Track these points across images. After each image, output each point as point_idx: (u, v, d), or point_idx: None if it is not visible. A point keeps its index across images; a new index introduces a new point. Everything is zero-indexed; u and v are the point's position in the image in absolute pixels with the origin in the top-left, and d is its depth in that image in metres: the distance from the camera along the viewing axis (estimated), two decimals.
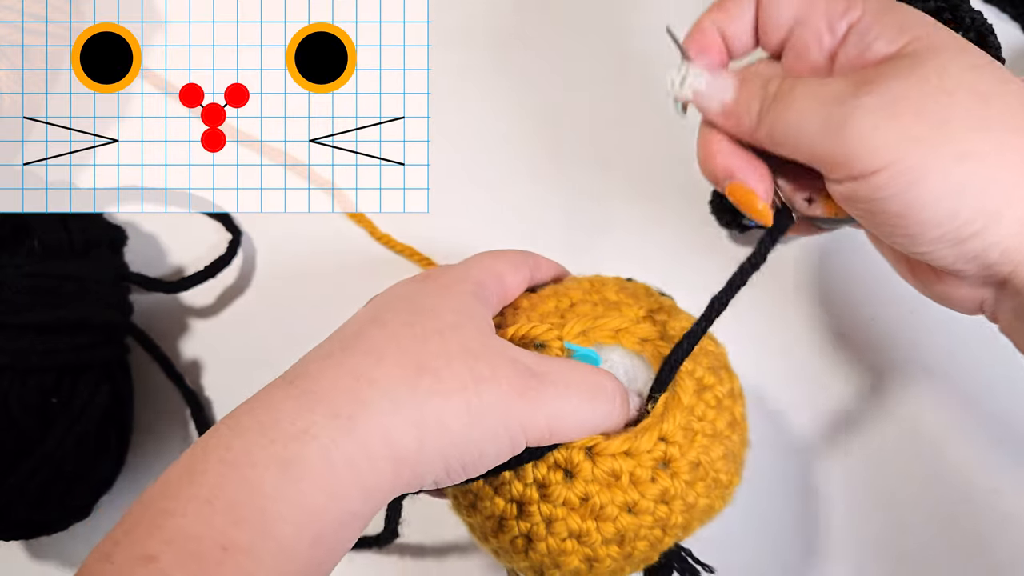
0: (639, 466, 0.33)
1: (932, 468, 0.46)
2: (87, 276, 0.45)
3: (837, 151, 0.29)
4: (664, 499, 0.34)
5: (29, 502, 0.43)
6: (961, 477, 0.46)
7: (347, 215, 0.51)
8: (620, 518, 0.33)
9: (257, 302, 0.51)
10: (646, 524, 0.34)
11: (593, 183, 0.51)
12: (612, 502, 0.33)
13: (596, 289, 0.38)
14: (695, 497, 0.35)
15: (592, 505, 0.33)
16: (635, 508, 0.33)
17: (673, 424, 0.34)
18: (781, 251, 0.49)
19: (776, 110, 0.31)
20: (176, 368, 0.49)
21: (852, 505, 0.46)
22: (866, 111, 0.29)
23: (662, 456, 0.34)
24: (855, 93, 0.29)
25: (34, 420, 0.42)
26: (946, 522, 0.46)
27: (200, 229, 0.51)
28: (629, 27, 0.54)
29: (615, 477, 0.33)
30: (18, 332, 0.43)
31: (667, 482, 0.34)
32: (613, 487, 0.33)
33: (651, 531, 0.34)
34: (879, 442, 0.47)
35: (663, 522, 0.34)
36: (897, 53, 0.30)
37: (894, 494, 0.46)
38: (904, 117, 0.28)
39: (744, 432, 0.38)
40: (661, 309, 0.37)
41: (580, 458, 0.33)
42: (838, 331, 0.48)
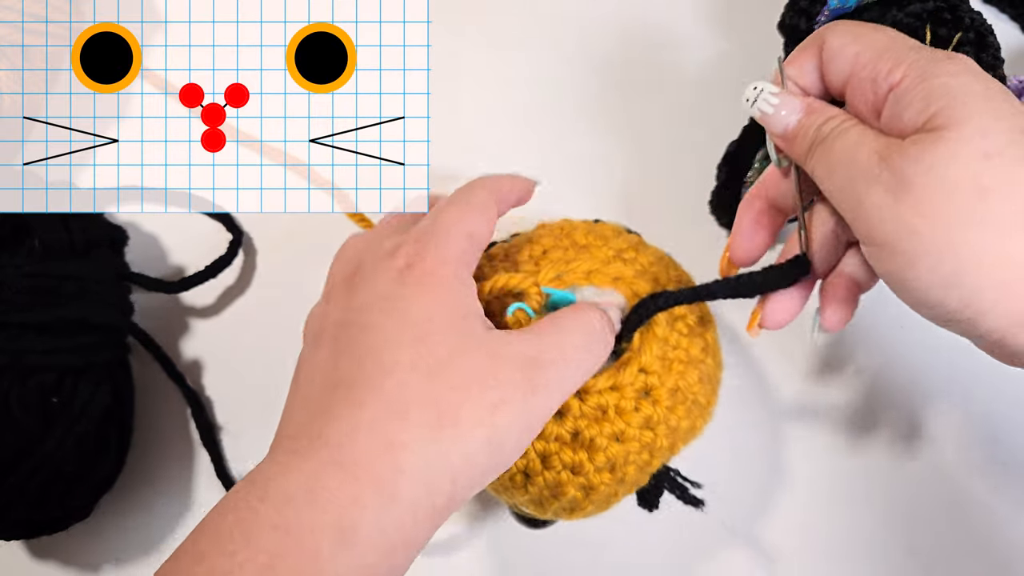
0: (623, 398, 0.36)
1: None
2: (88, 276, 0.45)
3: (855, 214, 0.31)
4: (648, 425, 0.37)
5: (29, 502, 0.43)
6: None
7: (347, 215, 0.51)
8: (610, 447, 0.36)
9: (257, 302, 0.51)
10: (634, 450, 0.36)
11: (593, 183, 0.51)
12: (601, 434, 0.36)
13: (566, 234, 0.41)
14: (677, 420, 0.37)
15: (583, 439, 0.36)
16: (622, 437, 0.36)
17: (650, 355, 0.36)
18: None
19: (820, 150, 0.32)
20: (176, 368, 0.49)
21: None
22: (880, 189, 0.30)
23: (643, 386, 0.37)
24: (878, 164, 0.30)
25: (34, 420, 0.42)
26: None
27: (201, 229, 0.51)
28: (631, 29, 0.54)
29: (602, 411, 0.36)
30: (18, 332, 0.43)
31: (650, 409, 0.36)
32: (601, 420, 0.36)
33: (639, 455, 0.37)
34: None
35: (649, 446, 0.37)
36: (923, 127, 0.30)
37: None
38: (906, 205, 0.29)
39: (717, 355, 0.40)
40: (629, 247, 0.40)
41: (569, 399, 0.36)
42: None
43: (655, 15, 0.54)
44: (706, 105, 0.52)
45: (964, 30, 0.42)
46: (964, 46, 0.41)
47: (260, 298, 0.51)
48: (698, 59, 0.53)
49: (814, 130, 0.33)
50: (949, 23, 0.42)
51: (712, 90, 0.52)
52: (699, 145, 0.51)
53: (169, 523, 0.48)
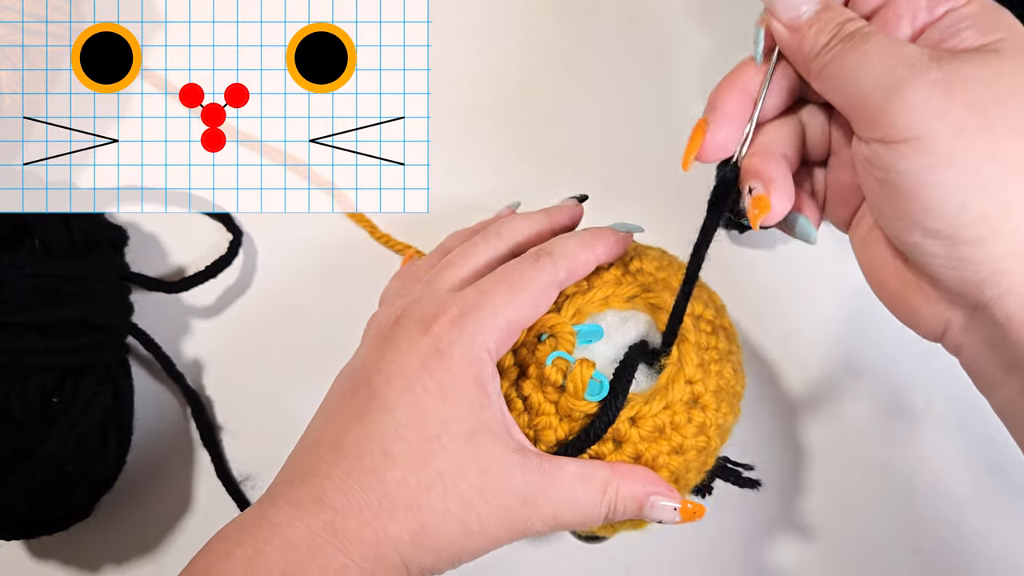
0: (675, 414, 0.37)
1: None
2: (88, 276, 0.45)
3: (883, 107, 0.29)
4: (702, 431, 0.37)
5: (30, 502, 0.43)
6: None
7: (347, 215, 0.51)
8: (671, 462, 0.37)
9: (258, 302, 0.51)
10: (692, 457, 0.37)
11: (593, 182, 0.51)
12: (661, 452, 0.37)
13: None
14: (723, 417, 0.38)
15: (645, 461, 0.36)
16: (681, 449, 0.37)
17: (692, 366, 0.37)
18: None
19: (844, 48, 0.30)
20: (176, 368, 0.49)
21: None
22: (927, 82, 0.28)
23: (691, 396, 0.37)
24: (927, 64, 0.29)
25: (35, 420, 0.42)
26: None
27: (201, 229, 0.51)
28: (632, 29, 0.54)
29: (659, 431, 0.36)
30: (19, 332, 0.43)
31: (701, 416, 0.37)
32: (659, 440, 0.36)
33: (697, 460, 0.37)
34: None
35: (705, 450, 0.38)
36: (982, 47, 0.29)
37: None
38: (958, 101, 0.28)
39: (735, 335, 0.41)
40: (635, 257, 0.40)
41: (625, 428, 0.36)
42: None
43: (655, 17, 0.54)
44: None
45: None
46: None
47: (260, 298, 0.51)
48: (697, 59, 0.53)
49: (834, 25, 0.31)
50: None
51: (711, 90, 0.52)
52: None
53: (169, 523, 0.48)
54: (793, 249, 0.50)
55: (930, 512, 0.47)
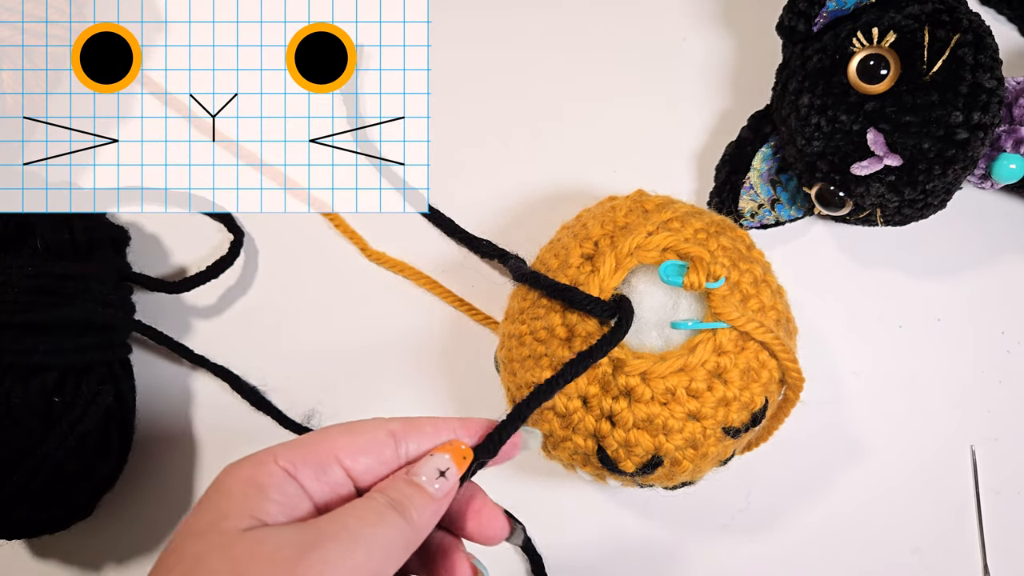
0: (694, 380, 0.38)
1: None
2: (90, 276, 0.45)
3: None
4: (724, 403, 0.38)
5: (31, 501, 0.43)
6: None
7: (322, 214, 0.51)
8: (686, 427, 0.38)
9: (259, 302, 0.51)
10: (710, 427, 0.38)
11: (593, 183, 0.52)
12: (673, 415, 0.38)
13: (610, 219, 0.42)
14: (750, 396, 0.39)
15: (657, 422, 0.38)
16: (698, 415, 0.38)
17: (724, 338, 0.38)
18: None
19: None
20: (194, 352, 0.49)
21: None
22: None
23: (715, 368, 0.38)
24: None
25: (37, 419, 0.42)
26: None
27: (202, 230, 0.51)
28: (632, 30, 0.54)
29: (671, 394, 0.38)
30: (21, 332, 0.43)
31: (722, 389, 0.38)
32: (671, 403, 0.38)
33: (716, 430, 0.39)
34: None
35: (724, 422, 0.39)
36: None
37: None
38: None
39: (783, 293, 0.42)
40: (674, 218, 0.41)
41: (636, 382, 0.38)
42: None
43: (655, 18, 0.54)
44: (706, 105, 0.52)
45: (962, 32, 0.42)
46: (962, 47, 0.41)
47: (261, 298, 0.51)
48: (697, 62, 0.53)
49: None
50: (947, 25, 0.42)
51: (711, 91, 0.53)
52: (699, 146, 0.52)
53: (170, 522, 0.48)
54: (794, 249, 0.50)
55: (930, 512, 0.47)
